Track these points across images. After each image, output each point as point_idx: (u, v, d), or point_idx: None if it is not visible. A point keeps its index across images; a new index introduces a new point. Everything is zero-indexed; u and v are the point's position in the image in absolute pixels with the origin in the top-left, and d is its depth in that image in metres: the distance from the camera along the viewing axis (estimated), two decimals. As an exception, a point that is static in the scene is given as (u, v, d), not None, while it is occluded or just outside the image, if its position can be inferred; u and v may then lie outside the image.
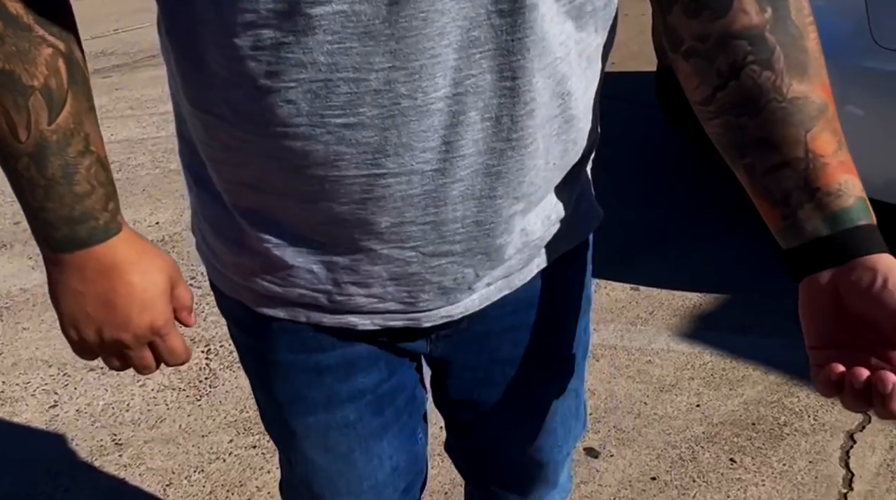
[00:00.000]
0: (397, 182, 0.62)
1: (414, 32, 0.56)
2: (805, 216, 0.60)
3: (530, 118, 0.63)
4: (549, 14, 0.60)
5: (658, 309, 2.26)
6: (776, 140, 0.61)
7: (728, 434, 1.81)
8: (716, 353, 2.08)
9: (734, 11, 0.61)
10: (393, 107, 0.59)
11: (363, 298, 0.71)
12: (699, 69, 0.63)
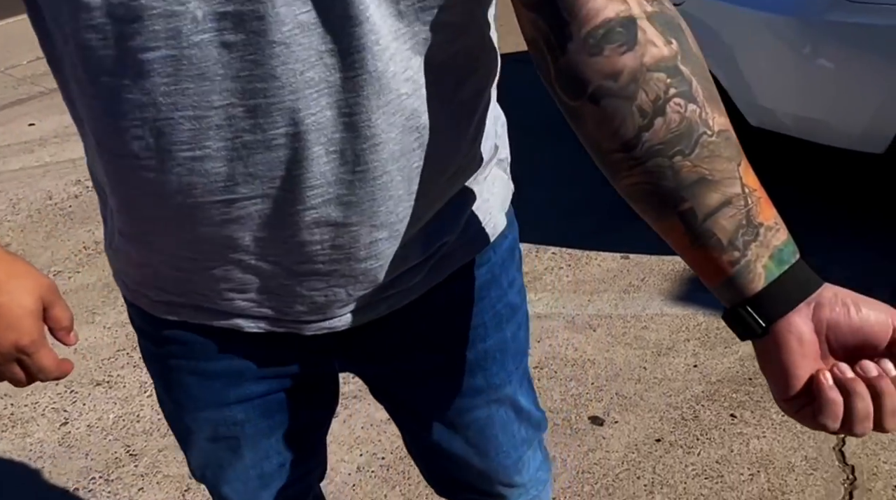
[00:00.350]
0: (252, 204, 0.65)
1: (245, 74, 0.58)
2: (754, 256, 0.57)
3: (375, 152, 0.64)
4: (388, 52, 0.61)
5: (649, 275, 2.31)
6: (715, 178, 0.57)
7: (727, 391, 1.86)
8: (708, 313, 2.13)
9: (641, 43, 0.57)
10: (236, 140, 0.61)
11: (243, 302, 0.74)
12: (616, 110, 0.57)
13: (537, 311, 2.19)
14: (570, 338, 2.08)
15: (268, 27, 0.57)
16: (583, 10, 0.57)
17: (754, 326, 0.57)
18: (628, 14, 0.57)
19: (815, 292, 0.57)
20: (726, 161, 0.57)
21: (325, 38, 0.59)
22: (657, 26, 0.57)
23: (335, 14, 0.58)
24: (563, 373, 1.96)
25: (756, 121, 2.24)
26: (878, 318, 0.56)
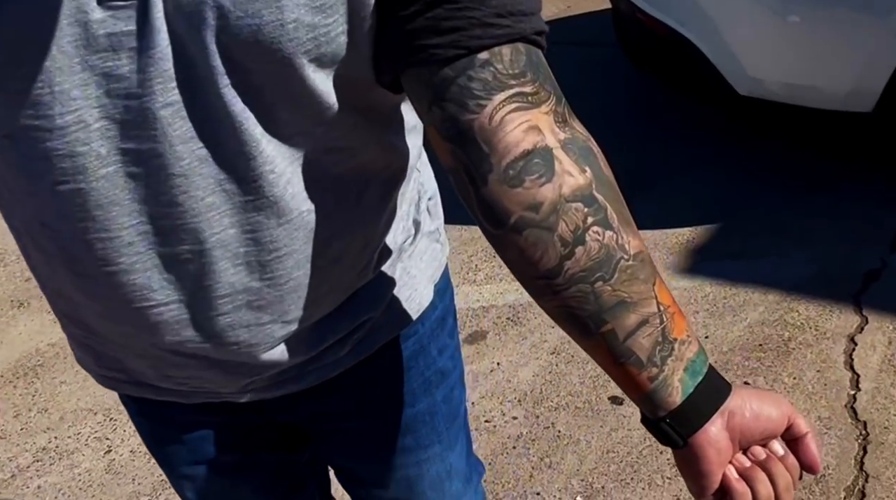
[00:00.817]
0: (168, 310, 0.69)
1: (151, 199, 0.64)
2: (671, 371, 0.60)
3: (280, 262, 0.69)
4: (285, 178, 0.65)
5: (653, 250, 2.36)
6: (633, 300, 0.59)
7: (738, 359, 1.93)
8: (715, 283, 2.19)
9: (559, 174, 0.58)
10: (148, 253, 0.66)
11: (175, 386, 0.80)
12: (537, 241, 0.59)
13: (549, 296, 2.26)
14: (583, 321, 2.15)
15: (167, 162, 0.62)
16: (501, 143, 0.58)
17: (675, 438, 0.61)
18: (545, 145, 0.59)
19: (727, 401, 0.62)
20: (643, 283, 0.60)
21: (222, 170, 0.63)
22: (572, 155, 0.60)
23: (229, 150, 0.63)
24: (579, 356, 2.03)
25: (745, 90, 2.28)
26: (776, 414, 0.63)
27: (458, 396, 0.98)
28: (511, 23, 0.59)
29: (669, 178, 2.67)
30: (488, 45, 0.59)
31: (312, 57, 0.61)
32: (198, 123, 0.61)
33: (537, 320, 2.17)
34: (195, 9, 0.57)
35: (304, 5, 0.58)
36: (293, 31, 0.59)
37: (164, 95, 0.60)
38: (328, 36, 0.60)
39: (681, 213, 2.49)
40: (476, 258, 2.46)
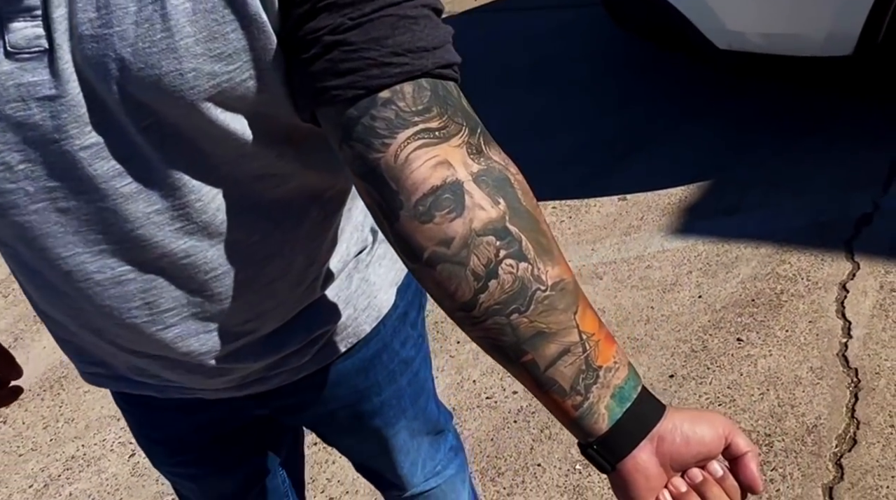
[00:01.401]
0: (118, 329, 0.74)
1: (84, 229, 0.68)
2: (596, 398, 0.61)
3: (217, 281, 0.73)
4: (213, 205, 0.69)
5: (647, 213, 2.38)
6: (552, 330, 0.60)
7: (732, 316, 1.95)
8: (708, 241, 2.20)
9: (469, 208, 0.59)
10: (88, 281, 0.70)
11: (148, 379, 0.85)
12: (451, 275, 0.59)
13: (545, 269, 2.29)
14: (578, 290, 2.18)
15: (93, 199, 0.66)
16: (409, 180, 0.59)
17: (603, 464, 0.62)
18: (455, 179, 0.59)
19: (656, 426, 0.61)
20: (562, 313, 0.60)
21: (149, 203, 0.67)
22: (484, 188, 0.59)
23: (155, 184, 0.66)
24: (575, 326, 2.06)
25: (724, 44, 2.26)
26: (711, 435, 0.62)
27: (422, 375, 1.03)
28: (409, 60, 0.60)
29: (660, 137, 2.66)
30: (388, 84, 0.59)
31: (218, 101, 0.63)
32: (122, 162, 0.64)
33: (534, 294, 2.21)
34: (99, 60, 0.60)
35: (202, 55, 0.61)
36: (193, 80, 0.61)
37: (81, 139, 0.63)
38: (232, 82, 0.63)
39: (672, 172, 2.49)
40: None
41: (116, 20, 0.59)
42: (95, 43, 0.60)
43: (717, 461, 0.64)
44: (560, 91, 3.07)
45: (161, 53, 0.60)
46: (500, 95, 3.17)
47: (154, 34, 0.59)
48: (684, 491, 0.62)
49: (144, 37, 0.59)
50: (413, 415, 1.04)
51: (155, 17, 0.59)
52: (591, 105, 2.94)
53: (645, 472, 0.61)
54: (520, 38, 3.55)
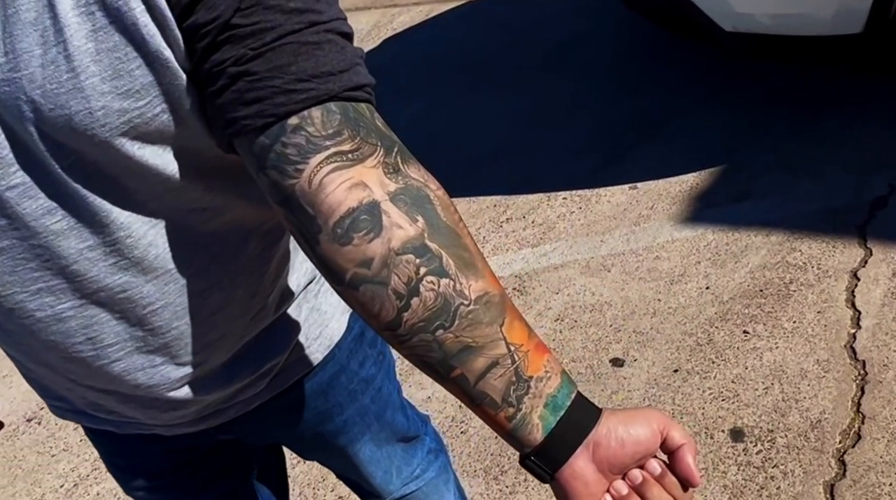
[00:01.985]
0: (68, 359, 0.76)
1: (20, 269, 0.69)
2: (528, 409, 0.61)
3: (156, 315, 0.74)
4: (145, 240, 0.70)
5: (658, 202, 2.34)
6: (478, 344, 0.60)
7: (739, 308, 1.92)
8: (717, 229, 2.16)
9: (387, 227, 0.59)
10: (30, 318, 0.72)
11: (106, 414, 0.87)
12: (374, 295, 0.60)
13: (553, 262, 2.28)
14: (586, 284, 2.17)
15: (25, 236, 0.67)
16: (324, 204, 0.59)
17: (542, 474, 0.63)
18: (371, 200, 0.59)
19: (591, 432, 0.62)
20: (487, 326, 0.60)
21: (81, 240, 0.68)
22: (401, 206, 0.60)
23: (83, 221, 0.67)
24: (582, 320, 2.06)
25: (730, 26, 2.20)
26: (646, 433, 0.63)
27: (386, 390, 1.05)
28: (315, 85, 0.60)
29: (673, 122, 2.62)
30: (295, 111, 0.60)
31: (132, 136, 0.64)
32: (49, 200, 0.66)
33: (541, 289, 2.20)
34: (13, 103, 0.62)
35: (110, 93, 0.62)
36: (103, 118, 0.62)
37: (7, 179, 0.64)
38: (143, 117, 0.64)
39: (684, 158, 2.45)
40: (484, 230, 2.50)
41: (23, 64, 0.60)
42: (7, 86, 0.61)
43: (654, 460, 0.65)
44: (573, 77, 3.03)
45: (69, 94, 0.61)
46: (516, 83, 3.15)
47: (60, 75, 0.61)
48: (625, 494, 0.63)
49: (51, 78, 0.61)
50: (379, 429, 1.06)
51: (59, 58, 0.60)
52: (605, 91, 2.90)
53: (583, 479, 0.62)
54: (534, 25, 3.51)
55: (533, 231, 2.42)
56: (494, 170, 2.73)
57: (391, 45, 3.88)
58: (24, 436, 2.38)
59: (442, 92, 3.30)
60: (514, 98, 3.07)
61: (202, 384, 0.84)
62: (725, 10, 2.20)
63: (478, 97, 3.17)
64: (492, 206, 2.58)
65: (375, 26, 4.19)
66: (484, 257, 0.63)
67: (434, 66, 3.52)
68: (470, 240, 0.63)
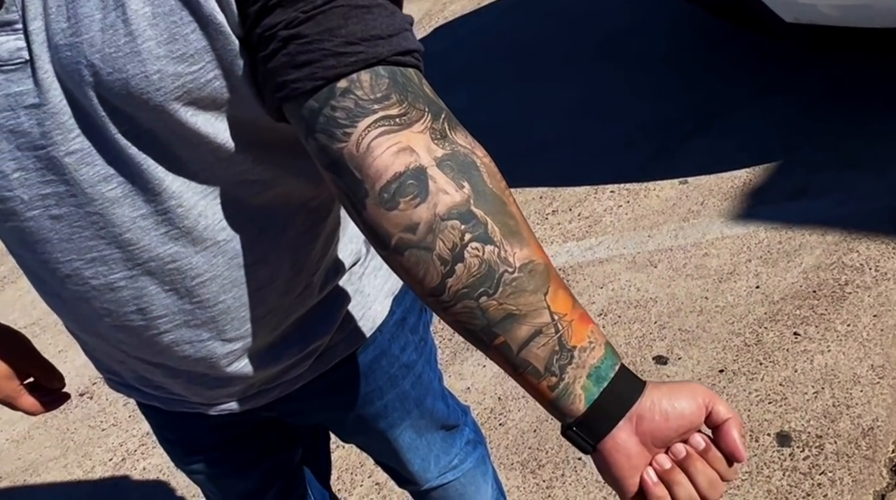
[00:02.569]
0: (116, 331, 0.78)
1: (76, 237, 0.71)
2: (572, 378, 0.61)
3: (204, 287, 0.76)
4: (196, 211, 0.71)
5: (709, 197, 2.28)
6: (522, 312, 0.60)
7: (790, 309, 1.86)
8: (770, 227, 2.10)
9: (433, 193, 0.59)
10: (85, 286, 0.74)
11: (152, 389, 0.89)
12: (419, 261, 0.60)
13: (598, 256, 2.24)
14: (631, 279, 2.12)
15: (82, 204, 0.69)
16: (372, 168, 0.60)
17: (584, 445, 0.63)
18: (418, 165, 0.60)
19: (635, 405, 0.61)
20: (531, 294, 0.60)
21: (135, 208, 0.70)
22: (447, 172, 0.60)
23: (137, 188, 0.69)
24: (626, 316, 2.02)
25: (791, 17, 2.13)
26: (691, 407, 0.62)
27: (427, 377, 1.05)
28: (364, 48, 0.61)
29: (728, 115, 2.54)
30: (345, 73, 0.61)
31: (186, 102, 0.66)
32: (106, 167, 0.68)
33: (586, 282, 2.17)
34: (74, 68, 0.64)
35: (165, 57, 0.63)
36: (158, 82, 0.64)
37: (66, 145, 0.67)
38: (197, 83, 0.65)
39: (738, 153, 2.38)
40: (529, 221, 2.47)
41: (84, 28, 0.62)
42: (69, 51, 0.63)
43: (698, 434, 0.64)
44: (626, 68, 2.97)
45: (126, 57, 0.63)
46: (567, 73, 3.10)
47: (118, 39, 0.62)
48: (668, 468, 0.63)
49: (110, 42, 0.62)
50: (419, 415, 1.06)
51: (118, 22, 0.62)
52: (658, 83, 2.83)
53: (626, 451, 0.62)
54: (587, 14, 3.45)
55: (579, 224, 2.38)
56: (542, 160, 2.69)
57: (442, 33, 3.86)
58: (76, 410, 2.44)
59: (492, 81, 3.28)
60: (565, 88, 3.02)
61: (248, 362, 0.85)
62: (787, 1, 2.12)
63: (528, 87, 3.13)
64: (538, 197, 2.55)
65: (427, 14, 4.17)
66: (529, 226, 0.63)
67: (484, 54, 3.49)
68: (516, 208, 0.62)
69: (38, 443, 2.39)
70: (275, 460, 1.09)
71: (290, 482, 1.13)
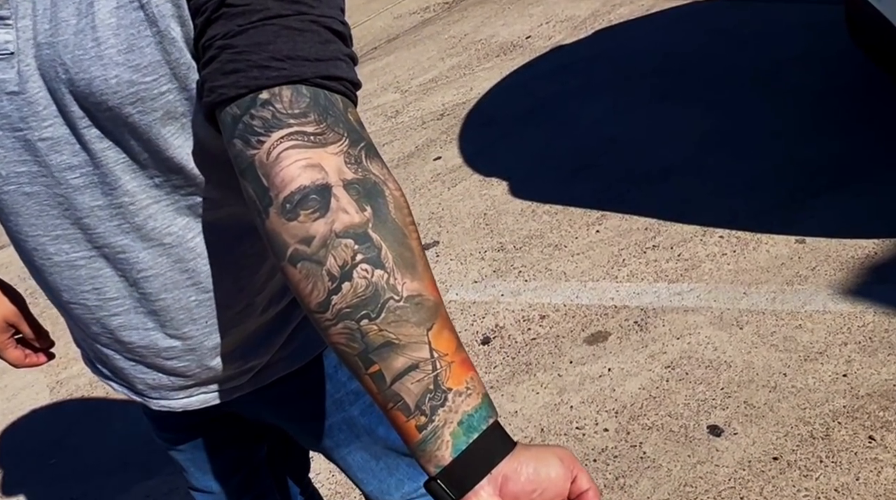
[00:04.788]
0: (74, 308, 0.86)
1: (44, 214, 0.78)
2: (441, 422, 0.59)
3: (147, 281, 0.82)
4: (146, 212, 0.77)
5: (822, 264, 2.08)
6: (401, 342, 0.59)
7: (873, 408, 1.67)
8: (880, 311, 1.89)
9: (334, 210, 0.60)
10: (48, 261, 0.82)
11: (107, 369, 0.95)
12: (309, 274, 0.61)
13: (685, 303, 2.12)
14: (712, 336, 1.99)
15: (50, 184, 0.77)
16: (278, 177, 0.62)
17: (447, 498, 0.60)
18: (324, 182, 0.61)
19: (501, 463, 0.59)
20: (414, 326, 0.60)
21: (93, 198, 0.77)
22: (353, 194, 0.61)
23: (97, 181, 0.76)
24: (693, 375, 1.90)
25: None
26: (557, 474, 0.60)
27: (364, 417, 1.05)
28: (288, 66, 0.64)
29: (872, 176, 2.29)
30: (266, 86, 0.64)
31: (140, 109, 0.72)
32: (72, 157, 0.76)
33: (663, 329, 2.06)
34: (51, 65, 0.71)
35: (123, 64, 0.70)
36: (116, 86, 0.70)
37: (40, 131, 0.75)
38: (150, 93, 0.71)
39: (871, 220, 2.14)
40: (626, 253, 2.37)
41: (62, 31, 0.70)
42: (48, 49, 0.71)
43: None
44: (776, 103, 2.75)
45: (91, 60, 0.70)
46: (712, 98, 2.92)
47: (87, 44, 0.70)
48: None
49: (80, 45, 0.70)
50: (371, 441, 1.06)
51: (87, 28, 0.69)
52: (806, 123, 2.59)
53: None
54: (753, 37, 3.20)
55: (676, 265, 2.26)
56: (657, 190, 2.57)
57: (601, 37, 3.74)
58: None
59: (633, 94, 3.14)
60: (706, 114, 2.85)
61: (187, 363, 0.90)
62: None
63: (667, 107, 2.98)
64: (642, 228, 2.43)
65: (593, 14, 4.05)
66: (428, 264, 0.63)
67: (635, 65, 3.34)
68: (417, 243, 0.63)
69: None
70: (237, 449, 1.13)
71: (255, 474, 1.17)
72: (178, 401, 0.95)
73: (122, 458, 2.28)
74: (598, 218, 2.53)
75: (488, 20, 4.47)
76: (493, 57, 3.99)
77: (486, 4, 4.70)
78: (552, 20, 4.15)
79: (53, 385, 2.73)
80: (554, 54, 3.74)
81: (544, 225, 2.61)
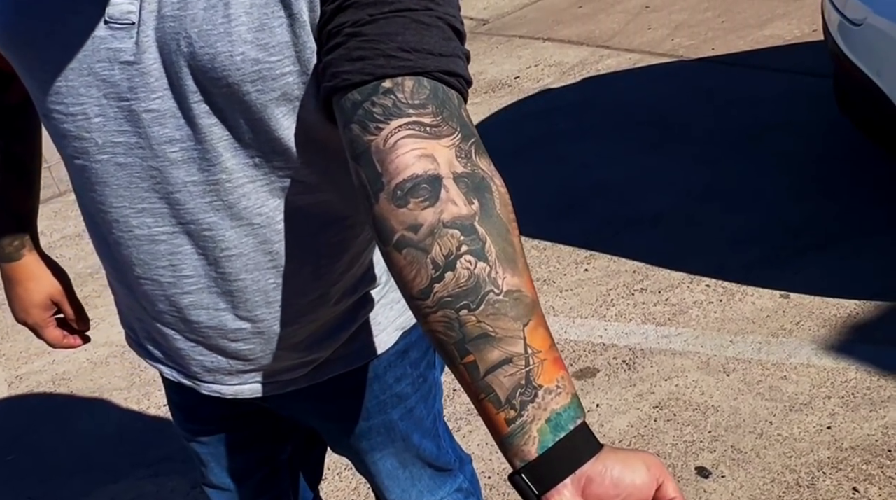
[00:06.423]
0: (145, 283, 0.85)
1: (133, 186, 0.79)
2: (530, 418, 0.59)
3: (229, 261, 0.82)
4: (241, 191, 0.77)
5: (806, 319, 2.15)
6: (498, 335, 0.60)
7: (857, 461, 1.72)
8: (862, 368, 1.95)
9: (443, 200, 0.62)
10: (128, 233, 0.82)
11: (159, 351, 0.95)
12: (414, 260, 0.62)
13: (673, 346, 2.16)
14: (699, 380, 2.03)
15: (146, 157, 0.77)
16: (392, 164, 0.63)
17: (529, 494, 0.60)
18: (436, 173, 0.63)
19: (587, 464, 0.59)
20: (511, 320, 0.60)
21: (189, 173, 0.77)
22: (462, 187, 0.63)
23: (196, 155, 0.76)
24: (681, 417, 1.93)
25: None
26: (643, 479, 0.60)
27: (419, 413, 1.06)
28: (414, 57, 0.66)
29: (853, 238, 2.39)
30: (391, 74, 0.65)
31: (258, 88, 0.72)
32: (175, 130, 0.76)
33: (652, 370, 2.09)
34: (173, 37, 0.72)
35: (251, 42, 0.70)
36: (240, 63, 0.71)
37: (147, 102, 0.75)
38: (272, 72, 0.71)
39: (854, 281, 2.23)
40: (614, 293, 2.41)
41: (191, 4, 0.71)
42: (173, 22, 0.71)
43: None
44: (765, 163, 2.85)
45: (218, 36, 0.70)
46: (701, 154, 3.01)
47: (216, 19, 0.70)
48: None
49: (209, 20, 0.70)
50: (403, 447, 1.06)
51: (219, 5, 0.70)
52: (794, 184, 2.69)
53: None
54: (742, 100, 3.33)
55: (664, 309, 2.30)
56: (647, 235, 2.62)
57: (589, 84, 3.84)
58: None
59: (624, 142, 3.22)
60: (695, 167, 2.94)
61: (252, 347, 0.89)
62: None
63: (658, 158, 3.06)
64: (630, 271, 2.48)
65: (581, 62, 4.16)
66: (526, 262, 0.64)
67: (624, 115, 3.44)
68: (518, 240, 0.64)
69: (110, 370, 2.54)
70: (262, 449, 1.12)
71: (275, 475, 1.15)
72: (230, 387, 0.94)
73: (86, 459, 2.19)
74: (587, 257, 2.57)
75: (476, 57, 4.54)
76: (482, 93, 4.05)
77: (475, 42, 4.78)
78: (540, 63, 4.24)
79: (12, 380, 2.62)
80: (543, 96, 3.82)
81: (533, 260, 2.63)
